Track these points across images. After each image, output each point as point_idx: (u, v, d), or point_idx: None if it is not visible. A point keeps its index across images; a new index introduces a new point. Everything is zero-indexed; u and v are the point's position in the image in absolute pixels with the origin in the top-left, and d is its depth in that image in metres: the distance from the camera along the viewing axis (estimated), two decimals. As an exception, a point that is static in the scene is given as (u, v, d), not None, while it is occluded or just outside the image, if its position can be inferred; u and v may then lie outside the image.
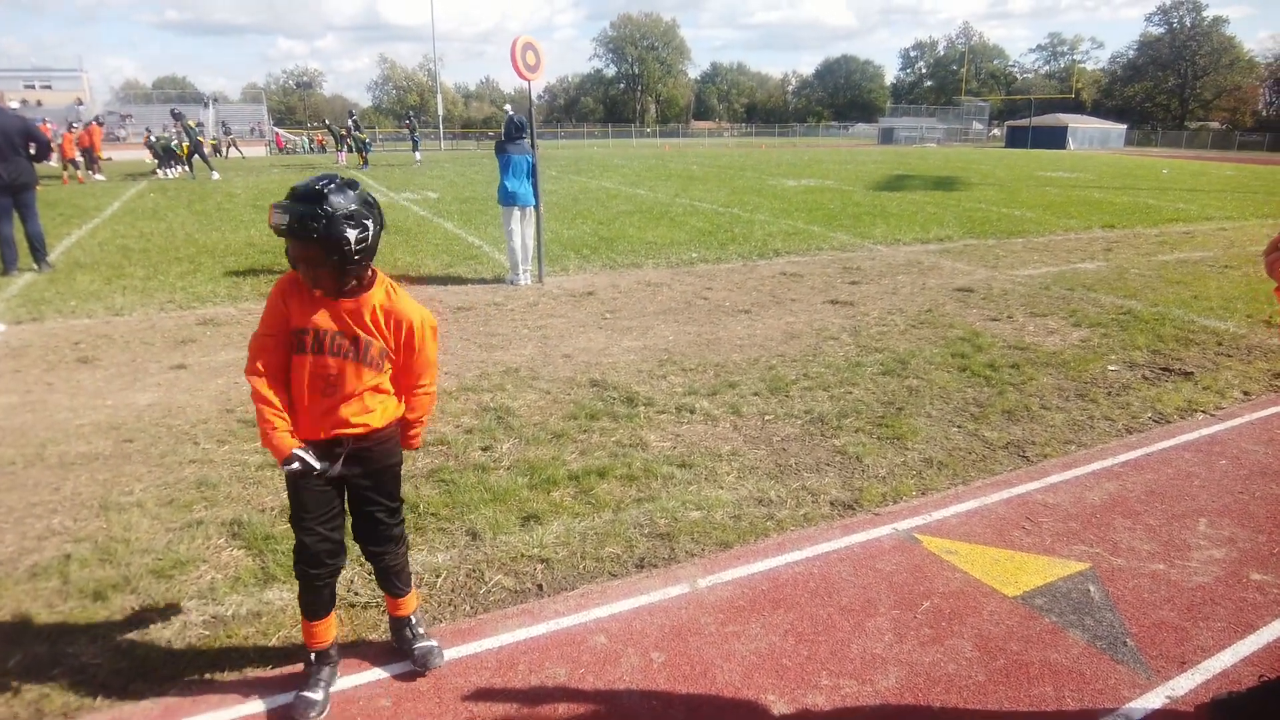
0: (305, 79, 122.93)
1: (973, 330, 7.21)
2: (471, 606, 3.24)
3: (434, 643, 2.91)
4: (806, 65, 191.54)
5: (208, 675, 2.84)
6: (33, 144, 9.61)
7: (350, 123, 32.20)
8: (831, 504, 4.07)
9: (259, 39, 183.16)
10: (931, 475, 4.39)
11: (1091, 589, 3.35)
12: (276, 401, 2.51)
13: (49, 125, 26.31)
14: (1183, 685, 2.80)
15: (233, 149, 40.43)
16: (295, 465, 2.51)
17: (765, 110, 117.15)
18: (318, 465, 2.55)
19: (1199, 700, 2.73)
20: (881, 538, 3.75)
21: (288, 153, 48.39)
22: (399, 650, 2.93)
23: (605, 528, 3.80)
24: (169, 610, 3.19)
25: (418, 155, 33.00)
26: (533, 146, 9.09)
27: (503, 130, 9.22)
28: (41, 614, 3.17)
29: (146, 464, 4.54)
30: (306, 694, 2.66)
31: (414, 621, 2.93)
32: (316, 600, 2.71)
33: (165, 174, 26.47)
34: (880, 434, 4.92)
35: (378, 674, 2.83)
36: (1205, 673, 2.86)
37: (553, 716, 2.63)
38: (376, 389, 2.61)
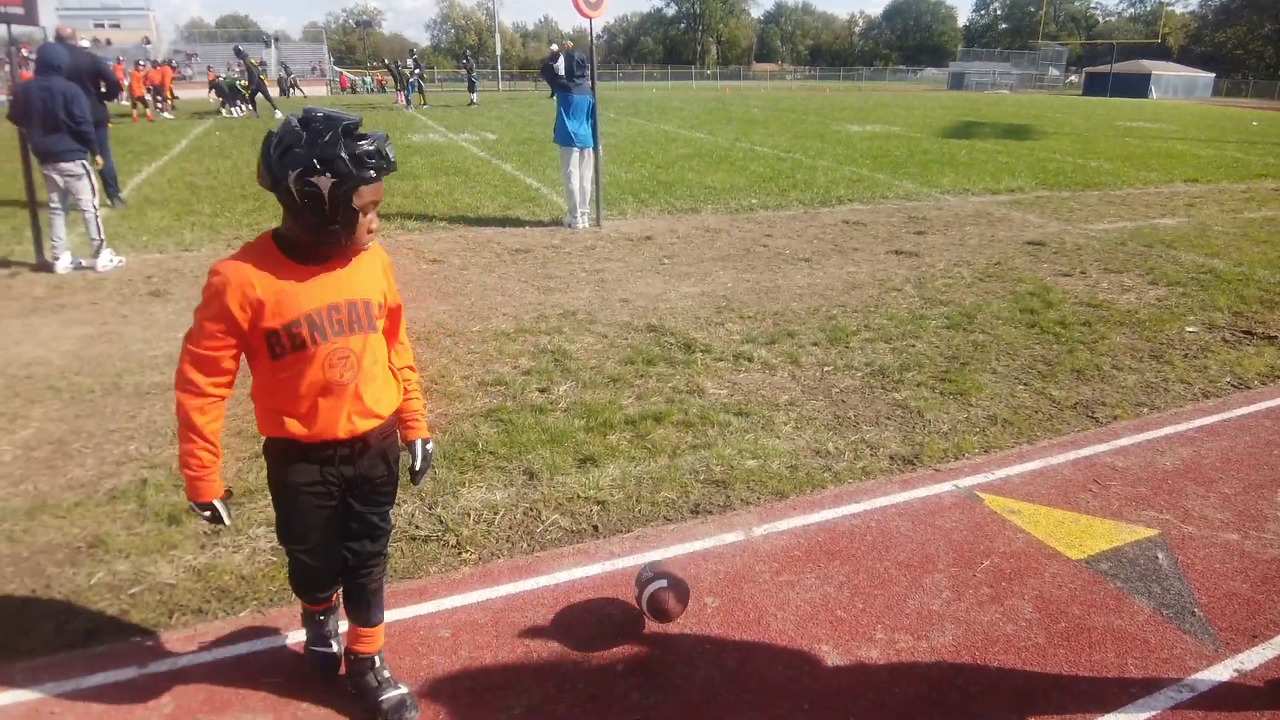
0: (365, 18, 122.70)
1: (1043, 285, 6.97)
2: (529, 544, 3.29)
3: (404, 690, 2.43)
4: (874, 6, 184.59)
5: (276, 599, 2.94)
6: (103, 82, 9.78)
7: (410, 62, 32.16)
8: (891, 458, 4.01)
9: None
10: (995, 433, 4.29)
11: (1160, 556, 3.25)
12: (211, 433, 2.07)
13: (121, 64, 26.80)
14: (1253, 659, 2.71)
15: (294, 89, 40.74)
16: (194, 509, 2.12)
17: (830, 53, 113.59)
18: (227, 521, 2.15)
19: (1269, 675, 2.65)
20: (941, 494, 3.69)
21: (351, 92, 48.57)
22: (355, 698, 2.44)
23: (661, 472, 3.80)
24: (239, 536, 3.31)
25: (474, 96, 32.83)
26: (593, 87, 8.95)
27: (560, 65, 9.06)
28: (121, 535, 3.32)
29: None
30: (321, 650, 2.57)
31: (379, 664, 2.44)
32: (322, 613, 2.50)
33: (230, 112, 26.86)
34: (943, 389, 4.81)
35: (437, 605, 2.90)
36: (1277, 647, 2.77)
37: (607, 655, 2.67)
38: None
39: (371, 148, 1.91)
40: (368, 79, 52.66)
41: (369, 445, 2.19)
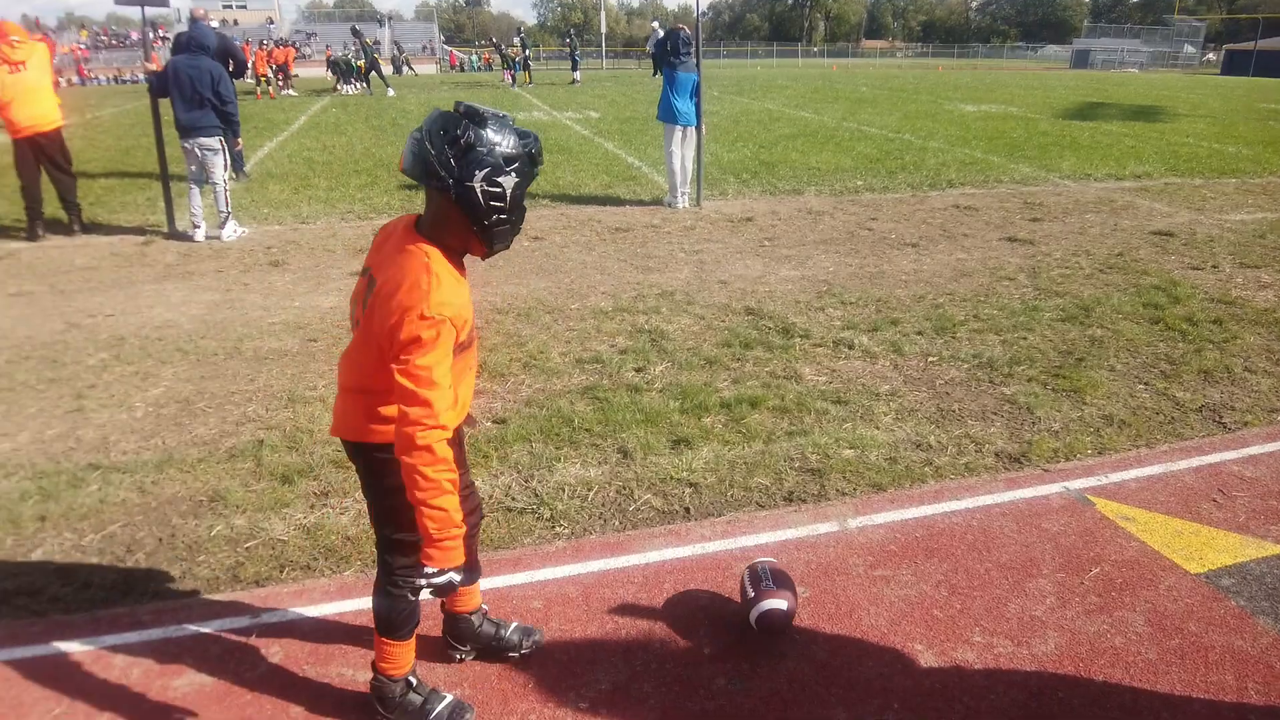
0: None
1: (1170, 279, 6.54)
2: (620, 522, 3.32)
3: (517, 622, 2.63)
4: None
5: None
6: (231, 61, 10.28)
7: (517, 41, 32.60)
8: (996, 455, 3.86)
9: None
10: (1111, 434, 4.06)
11: (1292, 573, 3.02)
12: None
13: (249, 44, 28.18)
14: (1397, 690, 2.50)
15: (406, 66, 41.92)
16: (451, 581, 1.96)
17: (944, 29, 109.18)
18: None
19: None
20: (1049, 496, 3.53)
21: (460, 70, 49.66)
22: (475, 645, 2.55)
23: (755, 458, 3.77)
24: (345, 499, 3.46)
25: (577, 75, 33.02)
26: (698, 65, 8.88)
27: (667, 43, 9.03)
28: (238, 491, 3.52)
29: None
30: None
31: (485, 609, 2.59)
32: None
33: (345, 90, 27.85)
34: (1056, 385, 4.59)
35: (530, 576, 2.97)
36: None
37: (695, 638, 2.67)
38: None
39: (539, 144, 1.95)
40: (474, 57, 53.69)
41: None
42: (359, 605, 2.81)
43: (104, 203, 9.44)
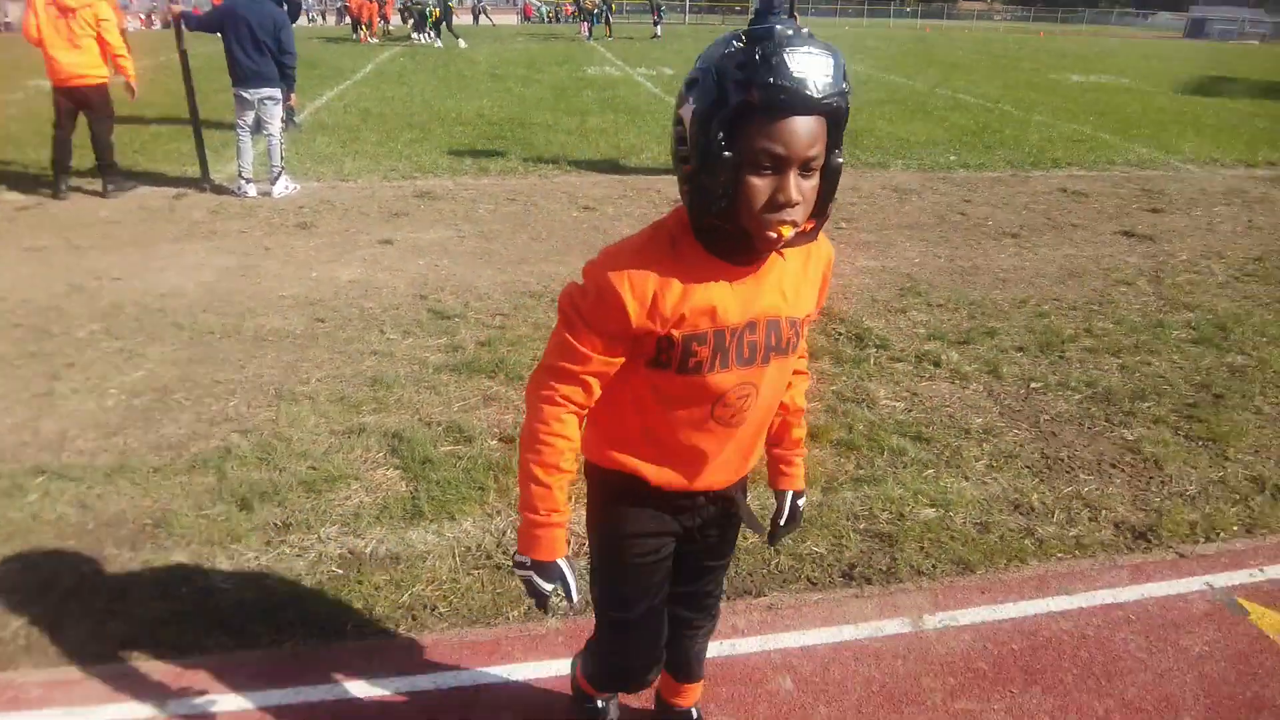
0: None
1: (1326, 293, 5.50)
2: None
3: None
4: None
5: (330, 630, 2.48)
6: (286, 4, 9.73)
7: (598, -7, 31.57)
8: (1116, 527, 3.06)
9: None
10: (1263, 505, 3.21)
11: None
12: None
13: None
14: None
15: (484, 17, 41.21)
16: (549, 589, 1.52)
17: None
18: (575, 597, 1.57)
19: None
20: (1188, 596, 2.72)
21: (535, 22, 48.80)
22: None
23: (811, 512, 3.04)
24: (308, 534, 2.88)
25: (658, 30, 31.77)
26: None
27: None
28: (189, 515, 2.96)
29: (330, 349, 4.32)
30: None
31: (697, 716, 2.16)
32: None
33: (417, 39, 27.34)
34: (1189, 430, 3.72)
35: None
36: None
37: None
38: None
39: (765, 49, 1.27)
40: (544, 8, 52.82)
41: None
42: (289, 697, 2.23)
43: (147, 150, 9.04)
